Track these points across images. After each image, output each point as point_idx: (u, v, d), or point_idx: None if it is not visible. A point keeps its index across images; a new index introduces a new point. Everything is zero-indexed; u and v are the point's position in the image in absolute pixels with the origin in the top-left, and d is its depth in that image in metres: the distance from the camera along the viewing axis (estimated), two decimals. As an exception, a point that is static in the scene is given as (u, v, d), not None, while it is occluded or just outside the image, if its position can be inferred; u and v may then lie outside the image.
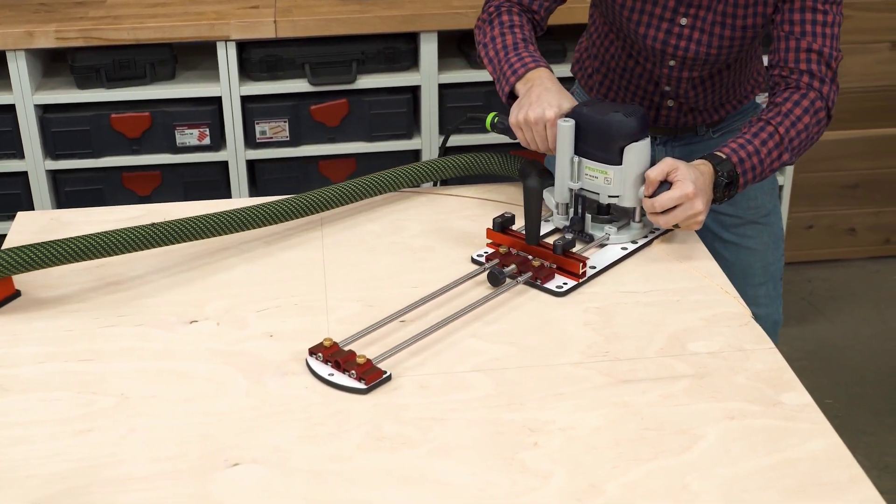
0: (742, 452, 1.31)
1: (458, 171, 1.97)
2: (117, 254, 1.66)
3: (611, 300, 1.64)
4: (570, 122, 1.75)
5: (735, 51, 1.94)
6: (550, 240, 1.77)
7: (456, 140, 3.05)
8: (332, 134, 3.00)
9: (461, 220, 1.90)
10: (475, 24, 2.04)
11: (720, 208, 2.13)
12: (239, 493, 1.25)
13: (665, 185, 1.69)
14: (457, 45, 3.10)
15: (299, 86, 2.94)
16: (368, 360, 1.44)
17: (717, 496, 1.24)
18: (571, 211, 1.82)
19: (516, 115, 1.83)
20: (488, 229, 1.77)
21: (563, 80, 1.93)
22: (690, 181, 1.67)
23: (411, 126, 3.03)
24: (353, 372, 1.43)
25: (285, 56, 2.91)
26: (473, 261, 1.74)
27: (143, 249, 1.68)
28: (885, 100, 3.52)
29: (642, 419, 1.37)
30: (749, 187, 2.09)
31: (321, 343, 1.48)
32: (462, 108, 3.00)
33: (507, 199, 1.97)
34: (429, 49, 2.92)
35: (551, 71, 1.89)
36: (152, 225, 1.68)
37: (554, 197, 1.83)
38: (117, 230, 1.66)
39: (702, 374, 1.46)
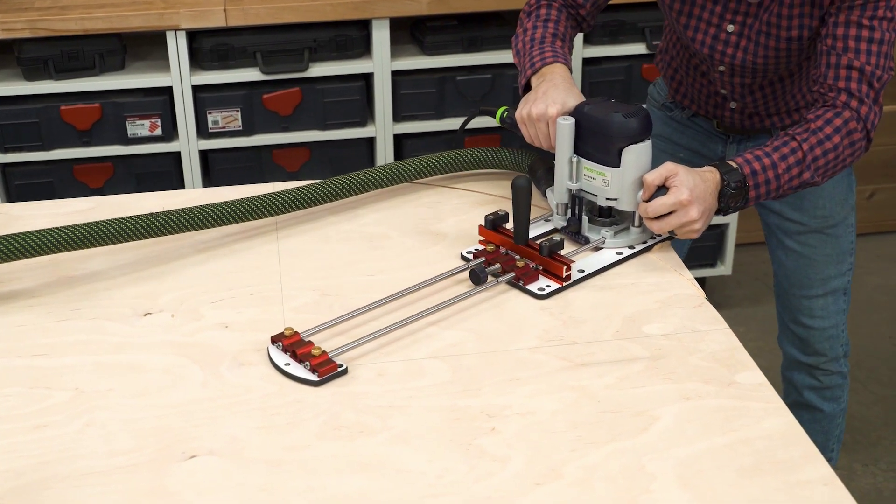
0: (697, 433, 1.32)
1: (468, 166, 1.95)
2: (70, 250, 1.64)
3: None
4: (570, 121, 1.71)
5: (783, 62, 1.88)
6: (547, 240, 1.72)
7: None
8: (286, 123, 2.99)
9: (417, 206, 1.89)
10: (519, 17, 2.02)
11: (786, 213, 2.10)
12: (196, 486, 1.25)
13: (662, 190, 1.64)
14: (409, 32, 3.09)
15: (251, 74, 2.92)
16: (324, 353, 1.44)
17: (674, 476, 1.25)
18: (570, 212, 1.78)
19: (521, 110, 1.80)
20: (480, 226, 1.73)
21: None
22: (687, 188, 1.61)
23: (365, 114, 3.02)
24: (308, 363, 1.42)
25: (236, 45, 2.89)
26: (462, 257, 1.71)
27: (96, 246, 1.66)
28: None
29: (599, 402, 1.38)
30: (818, 195, 2.05)
31: (282, 332, 1.48)
32: (415, 94, 2.99)
33: (464, 186, 1.97)
34: (381, 36, 2.91)
35: (569, 67, 1.85)
36: (108, 221, 1.66)
37: (553, 196, 1.79)
38: (70, 226, 1.64)
39: (657, 356, 1.47)
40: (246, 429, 1.34)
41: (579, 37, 2.98)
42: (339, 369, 1.43)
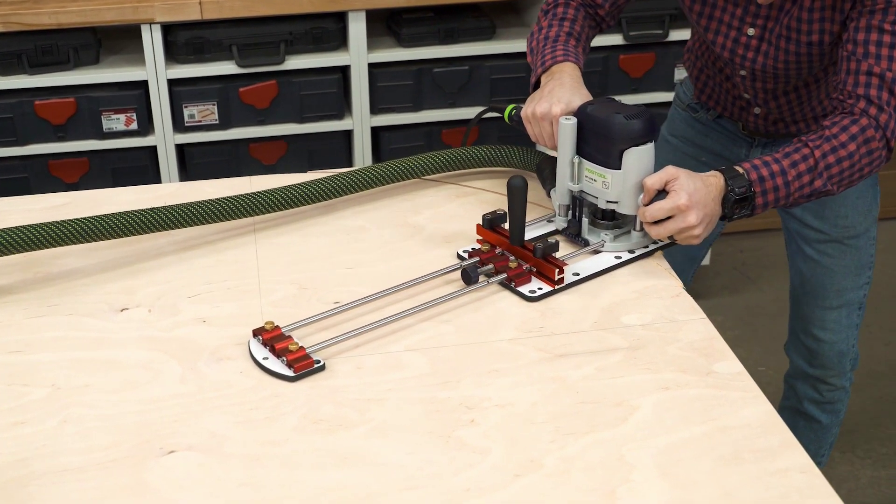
0: (676, 422, 1.33)
1: (475, 164, 1.93)
2: (45, 248, 1.62)
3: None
4: (572, 121, 1.67)
5: (805, 67, 1.83)
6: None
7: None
8: (262, 116, 2.98)
9: (393, 198, 1.89)
10: (537, 16, 1.99)
11: (807, 220, 2.05)
12: (175, 481, 1.24)
13: (662, 194, 1.60)
14: (385, 24, 3.09)
15: (227, 68, 2.91)
16: (302, 348, 1.43)
17: (653, 466, 1.25)
18: (571, 213, 1.75)
19: (526, 108, 1.77)
20: (478, 225, 1.71)
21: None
22: (686, 192, 1.57)
23: (342, 106, 3.01)
24: (285, 358, 1.42)
25: (212, 38, 2.88)
26: (458, 256, 1.69)
27: (72, 244, 1.64)
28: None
29: (578, 393, 1.38)
30: (842, 204, 1.99)
31: (263, 326, 1.47)
32: (392, 87, 2.99)
33: (437, 176, 1.97)
34: (357, 28, 2.91)
35: (579, 66, 1.83)
36: (84, 219, 1.64)
37: (555, 197, 1.76)
38: (46, 223, 1.62)
39: (636, 347, 1.48)
40: (224, 423, 1.33)
41: (556, 28, 2.98)
42: (317, 365, 1.42)
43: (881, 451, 2.82)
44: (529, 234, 1.70)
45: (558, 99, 1.73)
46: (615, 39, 3.05)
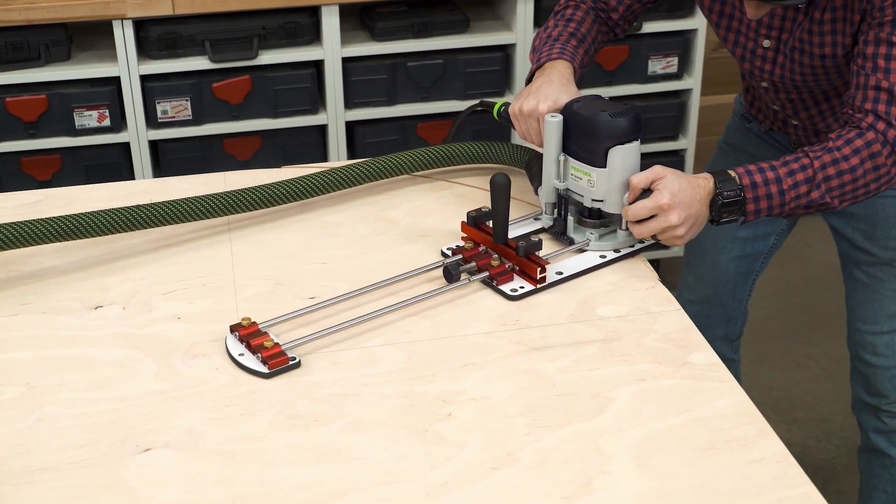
0: (652, 413, 1.33)
1: (462, 160, 1.92)
2: (18, 247, 1.61)
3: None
4: (558, 118, 1.66)
5: (822, 79, 1.80)
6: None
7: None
8: (236, 111, 2.96)
9: (369, 193, 1.89)
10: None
11: (857, 241, 1.99)
12: (152, 478, 1.24)
13: (647, 193, 1.59)
14: (359, 18, 3.08)
15: (200, 63, 2.89)
16: (277, 345, 1.43)
17: (629, 457, 1.26)
18: (557, 211, 1.74)
19: (514, 105, 1.77)
20: (462, 223, 1.70)
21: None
22: (669, 192, 1.56)
23: (316, 101, 3.00)
24: (260, 355, 1.42)
25: (184, 33, 2.86)
26: (442, 253, 1.69)
27: (45, 243, 1.63)
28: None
29: (554, 385, 1.39)
30: (892, 225, 1.92)
31: (240, 322, 1.47)
32: (366, 81, 2.98)
33: (418, 171, 1.96)
34: (330, 22, 2.90)
35: (573, 65, 1.82)
36: (57, 218, 1.63)
37: (542, 195, 1.75)
38: (18, 223, 1.61)
39: (611, 338, 1.48)
40: (200, 420, 1.33)
41: (531, 19, 2.98)
42: (292, 362, 1.42)
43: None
44: (515, 232, 1.70)
45: (545, 96, 1.72)
46: (589, 32, 3.05)
